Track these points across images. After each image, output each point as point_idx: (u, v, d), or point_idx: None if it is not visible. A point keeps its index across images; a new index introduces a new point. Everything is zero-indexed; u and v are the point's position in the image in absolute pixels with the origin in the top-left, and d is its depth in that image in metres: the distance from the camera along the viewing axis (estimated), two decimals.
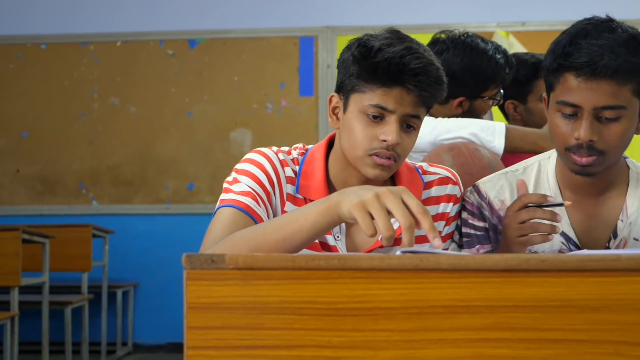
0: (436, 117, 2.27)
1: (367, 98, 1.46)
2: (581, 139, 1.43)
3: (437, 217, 1.60)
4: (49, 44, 5.44)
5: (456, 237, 1.64)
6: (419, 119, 1.50)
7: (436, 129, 2.09)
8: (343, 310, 0.87)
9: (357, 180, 1.54)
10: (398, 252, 1.00)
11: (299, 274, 0.87)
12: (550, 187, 1.59)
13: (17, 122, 5.44)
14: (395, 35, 1.49)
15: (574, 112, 1.44)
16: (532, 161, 1.65)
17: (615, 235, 1.54)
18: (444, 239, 1.62)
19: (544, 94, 1.55)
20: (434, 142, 2.08)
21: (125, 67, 5.42)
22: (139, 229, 5.37)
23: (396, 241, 1.46)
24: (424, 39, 2.15)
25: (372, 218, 1.14)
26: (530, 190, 1.59)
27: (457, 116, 2.23)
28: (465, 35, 2.22)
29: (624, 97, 1.42)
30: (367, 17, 5.19)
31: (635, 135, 1.50)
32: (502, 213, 1.60)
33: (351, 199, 1.17)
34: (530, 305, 0.86)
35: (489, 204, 1.62)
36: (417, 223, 1.13)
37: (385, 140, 1.46)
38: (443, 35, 2.23)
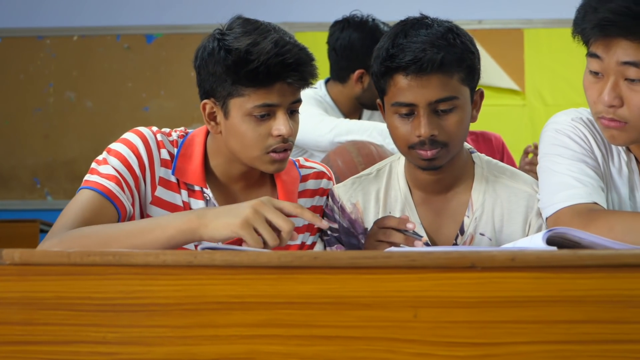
0: (337, 99, 2.33)
1: (251, 100, 1.46)
2: (422, 135, 1.45)
3: (311, 210, 1.60)
4: (5, 37, 5.41)
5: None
6: (300, 101, 1.52)
7: (336, 129, 2.14)
8: (119, 306, 0.87)
9: (239, 173, 1.57)
10: (199, 248, 1.00)
11: (74, 269, 0.87)
12: (400, 187, 1.60)
13: None
14: (250, 28, 1.48)
15: (410, 111, 1.47)
16: (384, 163, 1.66)
17: (462, 232, 1.55)
18: (315, 231, 1.64)
19: (378, 100, 1.56)
20: (332, 142, 2.13)
21: (82, 61, 5.38)
22: None
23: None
24: None
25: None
26: (382, 193, 1.61)
27: (358, 96, 2.35)
28: (368, 17, 2.34)
29: (454, 88, 1.46)
30: (325, 13, 5.18)
31: None
32: (353, 216, 1.61)
33: (229, 221, 1.22)
34: (303, 302, 0.86)
35: (341, 208, 1.62)
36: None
37: (279, 135, 1.47)
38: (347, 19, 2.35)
